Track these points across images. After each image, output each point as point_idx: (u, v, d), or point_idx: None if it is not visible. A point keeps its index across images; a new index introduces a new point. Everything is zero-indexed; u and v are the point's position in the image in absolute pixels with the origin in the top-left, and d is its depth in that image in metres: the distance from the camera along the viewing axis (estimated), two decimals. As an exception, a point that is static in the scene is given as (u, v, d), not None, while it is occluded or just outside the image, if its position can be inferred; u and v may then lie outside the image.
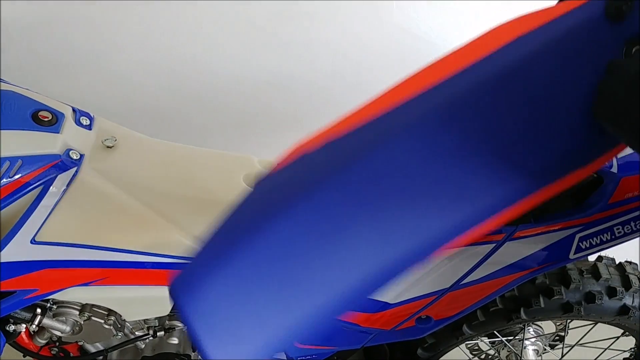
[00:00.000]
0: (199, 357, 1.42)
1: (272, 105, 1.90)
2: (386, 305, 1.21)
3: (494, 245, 1.15)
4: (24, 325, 1.23)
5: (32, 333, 1.32)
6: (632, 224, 1.15)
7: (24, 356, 1.35)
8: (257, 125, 1.97)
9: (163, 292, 1.19)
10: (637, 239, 1.22)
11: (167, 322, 1.35)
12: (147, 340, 1.36)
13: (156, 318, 1.32)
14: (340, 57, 1.79)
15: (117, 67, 1.78)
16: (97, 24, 1.70)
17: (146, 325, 1.33)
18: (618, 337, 1.63)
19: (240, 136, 1.99)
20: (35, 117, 1.09)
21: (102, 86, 1.80)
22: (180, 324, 1.37)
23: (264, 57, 1.80)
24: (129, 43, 1.75)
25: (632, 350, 1.69)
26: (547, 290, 1.40)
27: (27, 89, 1.16)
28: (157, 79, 1.82)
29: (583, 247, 1.16)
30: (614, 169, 1.14)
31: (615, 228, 1.15)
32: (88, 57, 1.76)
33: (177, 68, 1.81)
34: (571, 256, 1.16)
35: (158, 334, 1.33)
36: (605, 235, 1.15)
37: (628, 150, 1.17)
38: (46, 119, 1.09)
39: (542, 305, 1.39)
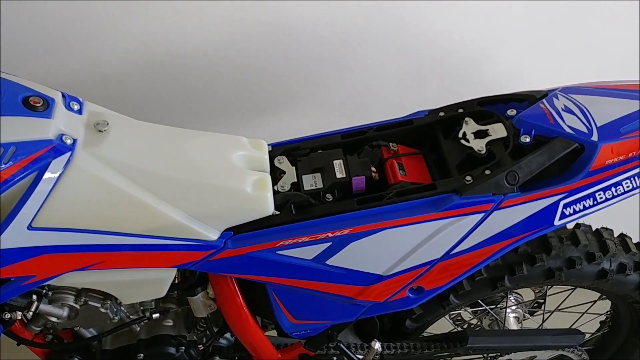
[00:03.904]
0: (194, 337, 1.44)
1: (250, 87, 1.91)
2: (380, 278, 1.24)
3: (482, 215, 1.19)
4: (20, 313, 1.23)
5: (26, 321, 1.31)
6: (613, 189, 1.21)
7: (18, 344, 1.35)
8: (234, 107, 1.97)
9: (160, 274, 1.20)
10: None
11: (161, 304, 1.36)
12: (142, 323, 1.37)
13: (152, 300, 1.33)
14: (316, 35, 1.80)
15: (97, 53, 1.76)
16: (76, 12, 1.68)
17: (141, 308, 1.34)
18: (595, 301, 1.69)
19: (218, 119, 1.99)
20: (26, 103, 1.08)
21: (80, 72, 1.79)
22: (174, 306, 1.38)
23: (240, 37, 1.80)
24: (104, 27, 1.73)
25: (608, 312, 1.77)
26: (529, 257, 1.45)
27: (14, 75, 1.15)
28: (134, 65, 1.81)
29: (567, 213, 1.21)
30: (594, 137, 1.19)
31: (597, 194, 1.20)
32: (63, 42, 1.74)
33: (153, 52, 1.80)
34: (556, 222, 1.21)
35: (153, 316, 1.34)
36: (588, 201, 1.20)
37: (608, 117, 1.22)
38: (37, 105, 1.08)
39: (525, 273, 1.45)
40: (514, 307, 1.70)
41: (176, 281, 1.31)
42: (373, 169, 1.27)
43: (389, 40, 1.83)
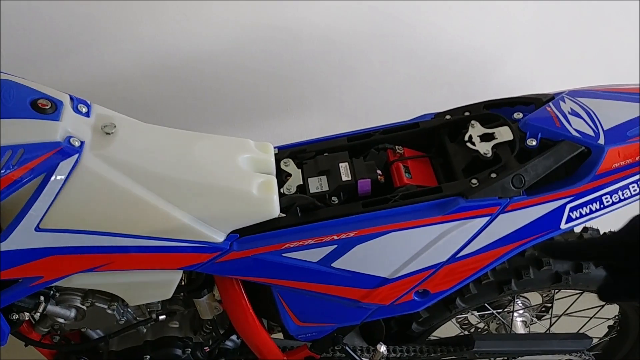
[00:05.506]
0: (200, 339, 1.45)
1: (258, 90, 1.92)
2: (385, 281, 1.24)
3: (488, 218, 1.18)
4: (27, 314, 1.24)
5: (34, 322, 1.33)
6: (620, 193, 1.20)
7: (26, 345, 1.36)
8: (242, 111, 1.98)
9: (166, 275, 1.21)
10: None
11: (168, 306, 1.37)
12: (148, 325, 1.37)
13: (158, 302, 1.33)
14: (324, 39, 1.81)
15: (105, 57, 1.78)
16: (84, 15, 1.69)
17: (148, 310, 1.35)
18: (603, 306, 1.69)
19: (225, 122, 2.00)
20: (34, 106, 1.09)
21: (89, 75, 1.80)
22: (181, 308, 1.39)
23: (249, 41, 1.81)
24: (114, 31, 1.74)
25: (616, 317, 1.76)
26: (536, 261, 1.45)
27: (22, 78, 1.16)
28: (142, 68, 1.82)
29: (573, 217, 1.20)
30: (601, 140, 1.19)
31: (603, 197, 1.20)
32: (75, 47, 1.75)
33: (161, 55, 1.81)
34: (562, 226, 1.21)
35: (160, 318, 1.34)
36: (594, 204, 1.20)
37: (615, 120, 1.22)
38: (46, 107, 1.09)
39: (532, 276, 1.44)
40: (521, 311, 1.70)
41: (182, 283, 1.31)
42: (379, 171, 1.27)
43: (397, 45, 1.83)
